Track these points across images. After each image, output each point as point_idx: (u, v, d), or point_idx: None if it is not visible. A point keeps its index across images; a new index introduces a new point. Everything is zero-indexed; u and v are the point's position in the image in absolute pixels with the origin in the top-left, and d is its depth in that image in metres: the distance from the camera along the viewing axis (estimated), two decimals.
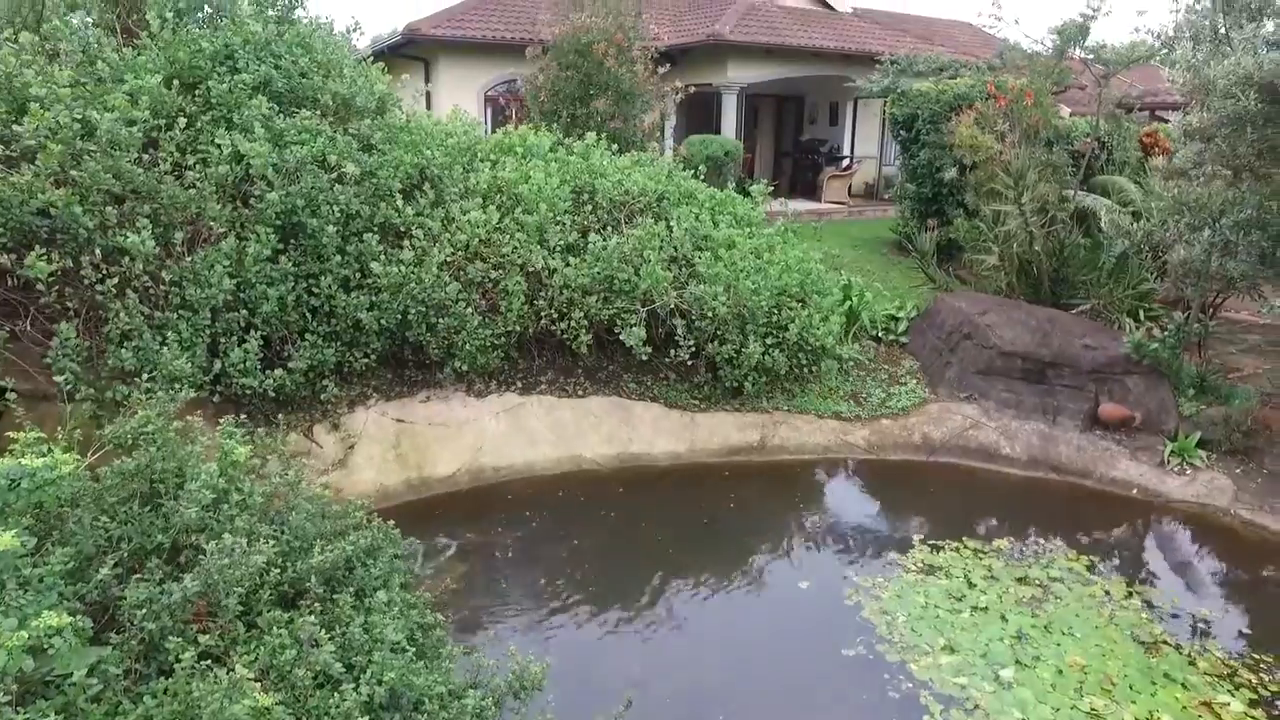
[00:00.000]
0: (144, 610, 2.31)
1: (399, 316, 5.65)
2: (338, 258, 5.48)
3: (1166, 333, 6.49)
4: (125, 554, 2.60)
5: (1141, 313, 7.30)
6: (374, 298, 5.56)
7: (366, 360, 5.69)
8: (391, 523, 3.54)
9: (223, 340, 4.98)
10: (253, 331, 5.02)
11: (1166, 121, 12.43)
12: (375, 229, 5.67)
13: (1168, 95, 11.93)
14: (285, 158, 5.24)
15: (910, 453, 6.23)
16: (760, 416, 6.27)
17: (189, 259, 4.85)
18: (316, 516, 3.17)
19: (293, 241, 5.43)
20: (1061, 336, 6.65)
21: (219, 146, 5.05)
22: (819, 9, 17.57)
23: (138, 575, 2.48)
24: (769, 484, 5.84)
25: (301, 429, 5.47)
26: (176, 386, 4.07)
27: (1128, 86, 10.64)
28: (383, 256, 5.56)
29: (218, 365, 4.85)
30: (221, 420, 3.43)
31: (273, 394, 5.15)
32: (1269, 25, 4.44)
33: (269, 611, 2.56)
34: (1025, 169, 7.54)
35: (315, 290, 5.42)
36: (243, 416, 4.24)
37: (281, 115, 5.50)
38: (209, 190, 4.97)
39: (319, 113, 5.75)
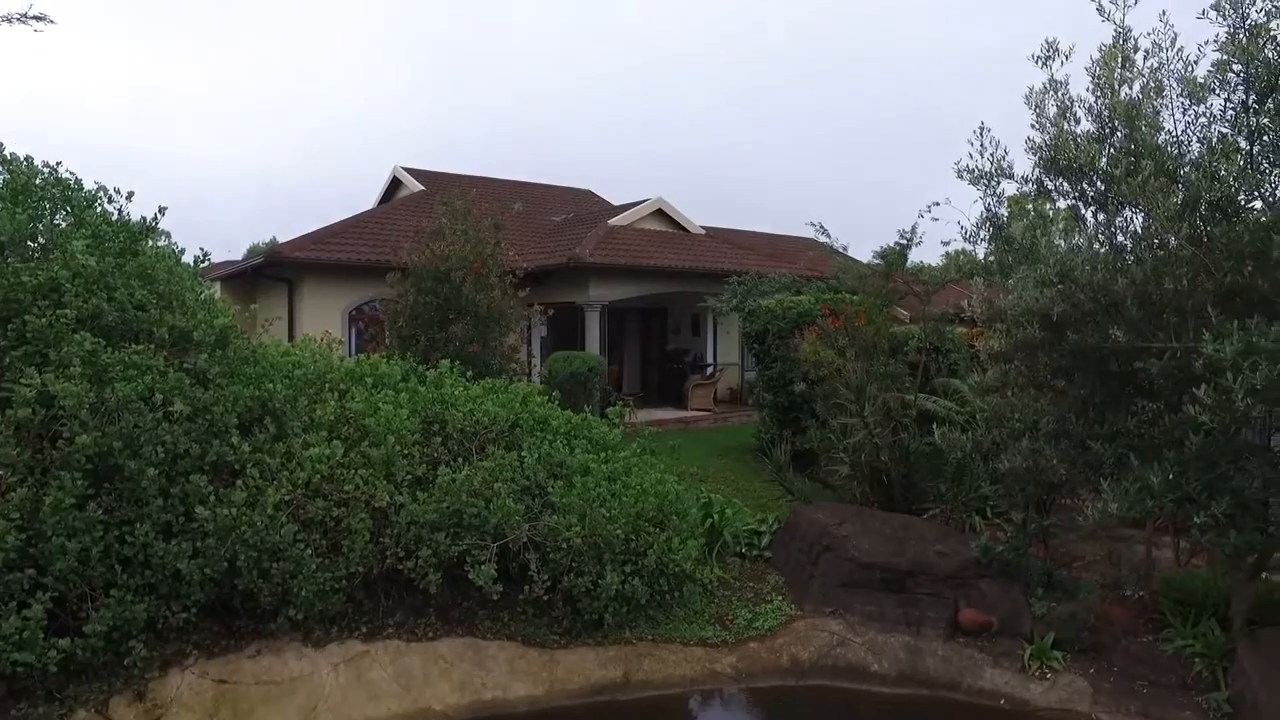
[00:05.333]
0: None
1: (226, 563, 5.15)
2: (159, 501, 5.04)
3: (1009, 535, 6.80)
4: None
5: (989, 512, 7.68)
6: (198, 544, 5.08)
7: (186, 614, 5.09)
8: None
9: None
10: (40, 593, 4.40)
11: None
12: (206, 468, 5.30)
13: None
14: (106, 396, 4.91)
15: (779, 677, 6.01)
16: (624, 649, 5.95)
17: None
18: None
19: (107, 485, 4.96)
20: (916, 544, 6.84)
21: (26, 386, 4.69)
22: (674, 231, 19.13)
23: None
24: None
25: (94, 704, 4.72)
26: None
27: (952, 300, 11.88)
28: (212, 498, 5.16)
29: None
30: None
31: (55, 668, 4.44)
32: (1039, 268, 5.11)
33: None
34: (865, 383, 8.08)
35: (129, 539, 4.89)
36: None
37: (110, 349, 5.23)
38: (8, 434, 4.53)
39: (153, 346, 5.51)
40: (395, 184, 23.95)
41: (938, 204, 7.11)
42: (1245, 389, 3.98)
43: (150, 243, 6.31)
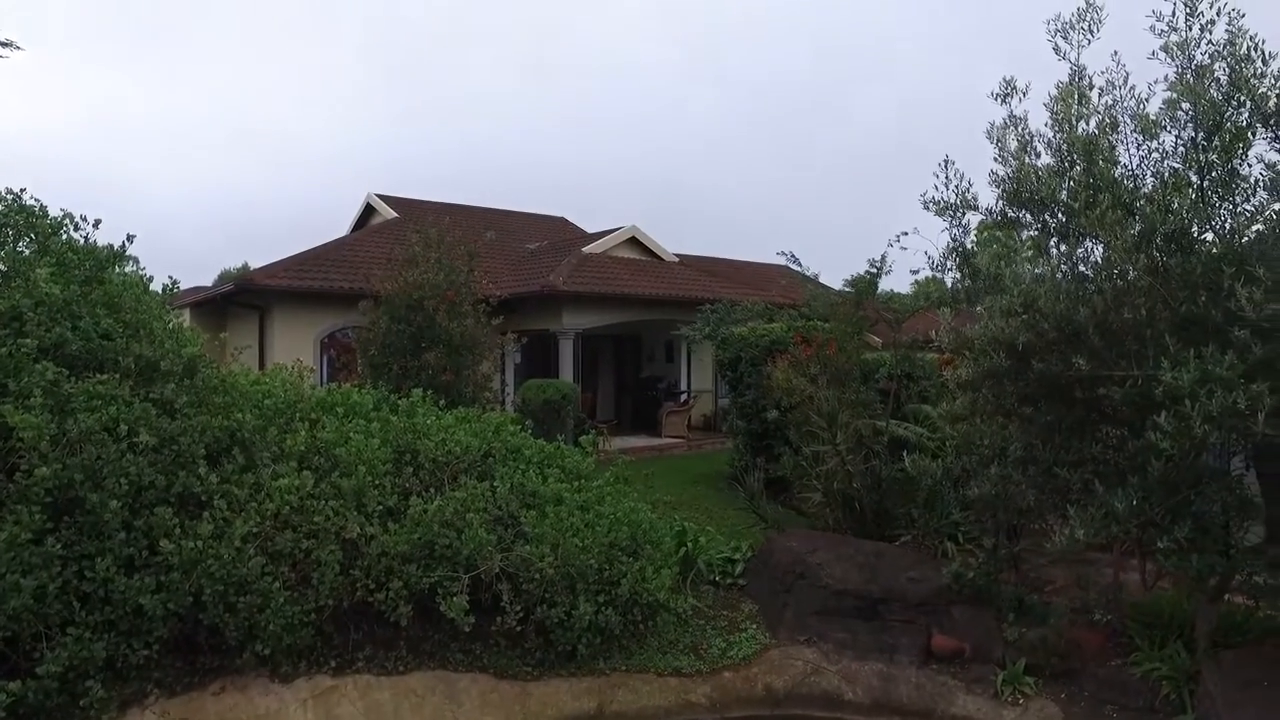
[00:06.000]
0: None
1: (191, 598, 5.04)
2: (122, 535, 4.93)
3: (980, 561, 6.86)
4: None
5: (960, 537, 7.74)
6: (162, 578, 4.96)
7: (147, 651, 4.95)
8: None
9: None
10: None
11: None
12: (172, 500, 5.20)
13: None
14: (68, 427, 4.82)
15: (754, 707, 5.99)
16: (597, 680, 5.89)
17: None
18: None
19: (67, 519, 4.85)
20: (889, 571, 6.87)
21: None
22: (647, 259, 19.27)
23: None
24: None
25: None
26: None
27: (923, 327, 12.05)
28: (178, 531, 5.06)
29: None
30: None
31: (3, 713, 4.30)
32: (1004, 298, 5.23)
33: None
34: (836, 410, 8.16)
35: (89, 574, 4.77)
36: None
37: (73, 379, 5.13)
38: None
39: (119, 376, 5.43)
40: (369, 211, 23.92)
41: (906, 234, 7.27)
42: (1202, 416, 4.09)
43: (118, 269, 6.24)
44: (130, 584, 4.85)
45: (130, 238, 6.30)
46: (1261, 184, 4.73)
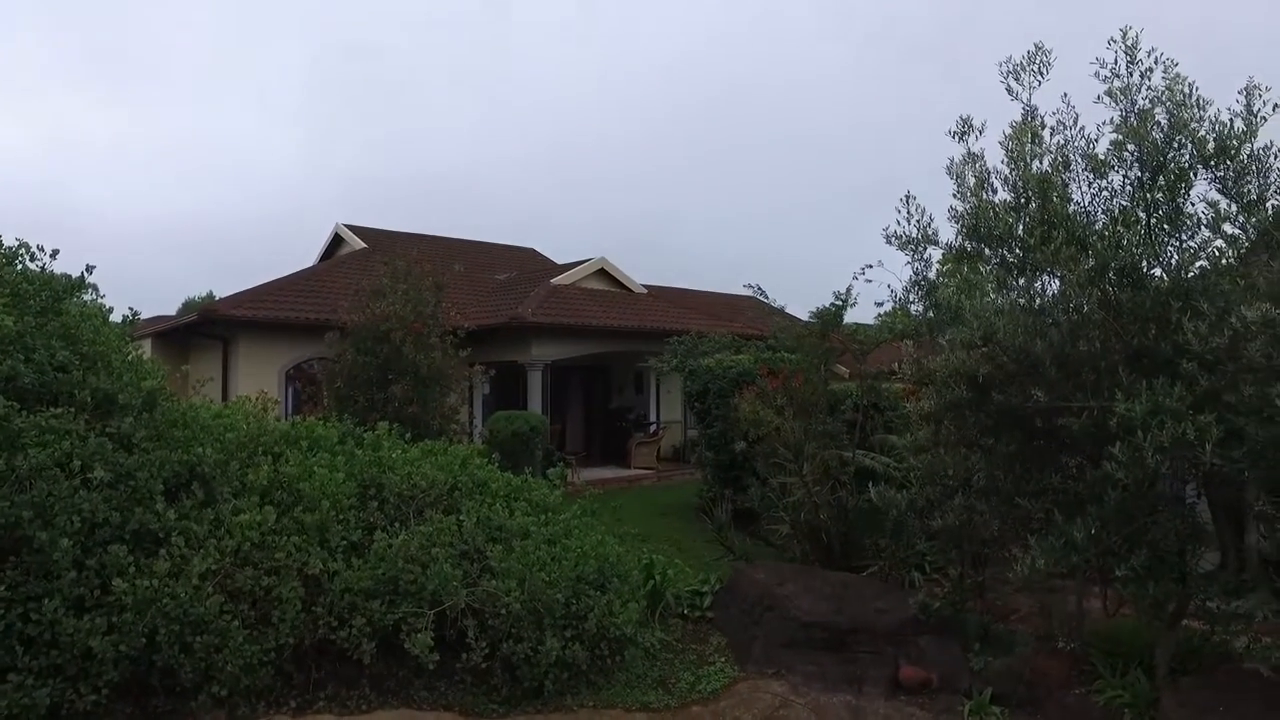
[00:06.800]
0: None
1: (145, 639, 4.89)
2: (73, 574, 4.77)
3: (945, 590, 6.92)
4: None
5: (927, 567, 7.80)
6: (114, 619, 4.80)
7: (96, 696, 4.77)
8: None
9: None
10: None
11: None
12: (127, 537, 5.07)
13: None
14: (17, 463, 4.69)
15: None
16: (564, 717, 5.79)
17: None
18: None
19: (13, 559, 4.70)
20: (856, 602, 6.89)
21: None
22: (616, 290, 19.36)
23: None
24: None
25: None
26: None
27: (888, 358, 12.21)
28: (132, 569, 4.92)
29: None
30: None
31: None
32: (964, 331, 5.34)
33: None
34: (803, 442, 8.22)
35: (34, 616, 4.61)
36: None
37: (24, 414, 5.01)
38: None
39: (74, 410, 5.31)
40: (337, 241, 23.78)
41: (870, 266, 7.39)
42: (1154, 446, 4.20)
43: (76, 298, 6.13)
44: (80, 625, 4.69)
45: (90, 268, 6.21)
46: (1204, 222, 4.92)
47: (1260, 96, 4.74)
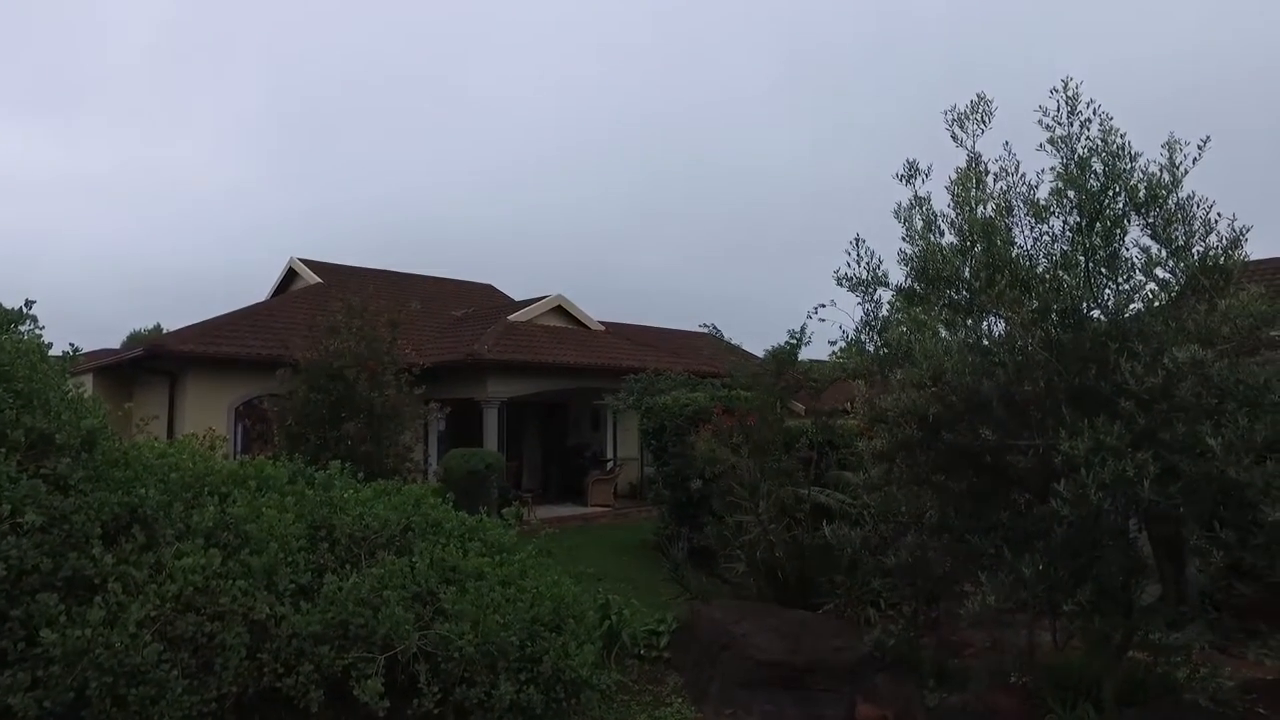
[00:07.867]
0: None
1: (73, 693, 4.64)
2: None
3: (899, 627, 6.96)
4: None
5: (882, 604, 7.83)
6: (39, 673, 4.55)
7: None
8: None
9: None
10: None
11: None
12: (59, 584, 4.84)
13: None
14: None
15: None
16: None
17: None
18: None
19: None
20: (811, 640, 6.89)
21: None
22: (573, 327, 19.39)
23: None
24: None
25: None
26: None
27: (843, 395, 12.38)
28: (63, 618, 4.69)
29: None
30: None
31: None
32: (914, 371, 5.48)
33: None
34: (758, 480, 8.27)
35: None
36: None
37: None
38: None
39: (5, 450, 5.10)
40: (291, 275, 23.40)
41: (824, 305, 7.54)
42: (1097, 483, 4.33)
43: (13, 332, 5.92)
44: None
45: (29, 303, 6.03)
46: (1138, 266, 5.14)
47: (1180, 150, 5.02)
